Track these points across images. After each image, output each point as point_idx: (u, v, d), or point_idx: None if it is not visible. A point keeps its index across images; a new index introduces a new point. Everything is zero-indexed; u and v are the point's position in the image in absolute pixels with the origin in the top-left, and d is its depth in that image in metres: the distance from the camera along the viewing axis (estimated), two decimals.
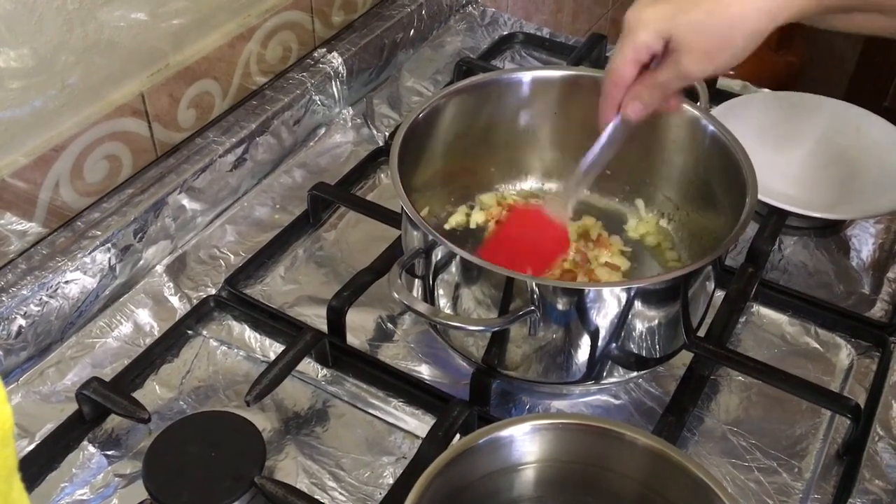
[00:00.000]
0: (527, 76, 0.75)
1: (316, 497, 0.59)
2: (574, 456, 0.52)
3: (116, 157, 0.76)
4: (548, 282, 0.60)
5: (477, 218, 0.76)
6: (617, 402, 0.68)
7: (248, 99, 0.87)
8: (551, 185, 0.79)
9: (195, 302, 0.73)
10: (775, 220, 0.78)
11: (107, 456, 0.63)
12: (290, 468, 0.63)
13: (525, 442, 0.52)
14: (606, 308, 0.59)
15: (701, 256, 0.61)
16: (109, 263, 0.72)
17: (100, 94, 0.73)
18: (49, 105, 0.69)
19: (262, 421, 0.65)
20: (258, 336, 0.72)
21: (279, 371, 0.65)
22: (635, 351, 0.63)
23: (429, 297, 0.65)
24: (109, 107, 0.73)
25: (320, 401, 0.68)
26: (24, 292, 0.67)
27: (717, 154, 0.68)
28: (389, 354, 0.71)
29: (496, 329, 0.61)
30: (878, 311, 0.76)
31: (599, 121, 0.64)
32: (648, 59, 0.60)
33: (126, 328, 0.72)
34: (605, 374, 0.64)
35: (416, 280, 0.65)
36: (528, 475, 0.54)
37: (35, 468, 0.61)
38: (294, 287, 0.77)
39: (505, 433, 0.52)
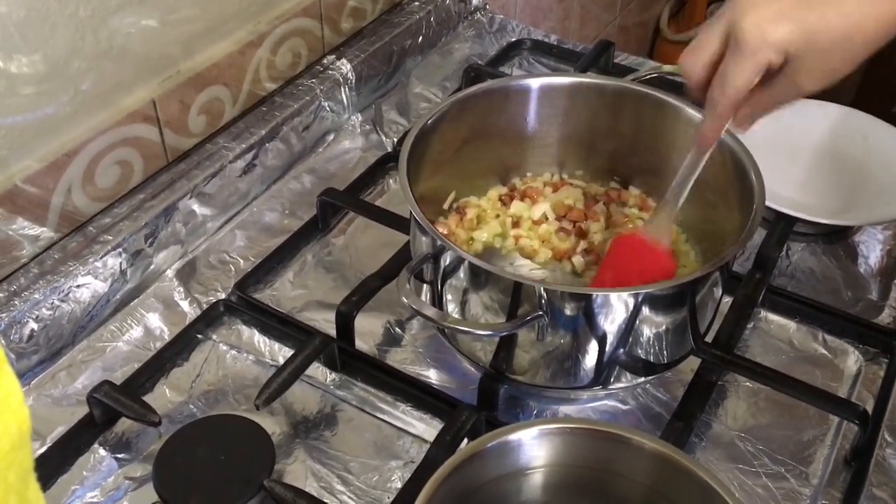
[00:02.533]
0: (535, 83, 0.75)
1: (325, 501, 0.59)
2: (582, 460, 0.53)
3: (128, 162, 0.76)
4: (555, 287, 0.61)
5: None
6: (624, 407, 0.69)
7: (258, 105, 0.88)
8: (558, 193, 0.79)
9: (205, 306, 0.74)
10: (783, 227, 0.79)
11: (117, 459, 0.64)
12: (298, 472, 0.63)
13: (533, 446, 0.52)
14: (614, 313, 0.59)
15: (708, 262, 0.61)
16: (120, 268, 0.73)
17: (112, 100, 0.74)
18: (61, 111, 0.70)
19: (272, 425, 0.66)
20: (267, 340, 0.72)
21: (288, 375, 0.65)
22: (643, 356, 0.63)
23: (437, 301, 0.65)
24: (121, 113, 0.74)
25: (329, 405, 0.68)
26: (37, 296, 0.67)
27: (724, 160, 0.68)
28: (398, 359, 0.72)
29: (504, 334, 0.61)
30: (886, 317, 0.76)
31: (703, 138, 0.61)
32: None
33: (137, 332, 0.72)
34: (612, 379, 0.64)
35: (425, 285, 0.66)
36: (536, 480, 0.54)
37: (46, 471, 0.62)
38: (303, 292, 0.77)
39: (513, 437, 0.52)
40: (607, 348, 0.61)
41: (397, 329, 0.74)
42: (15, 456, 0.26)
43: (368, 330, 0.73)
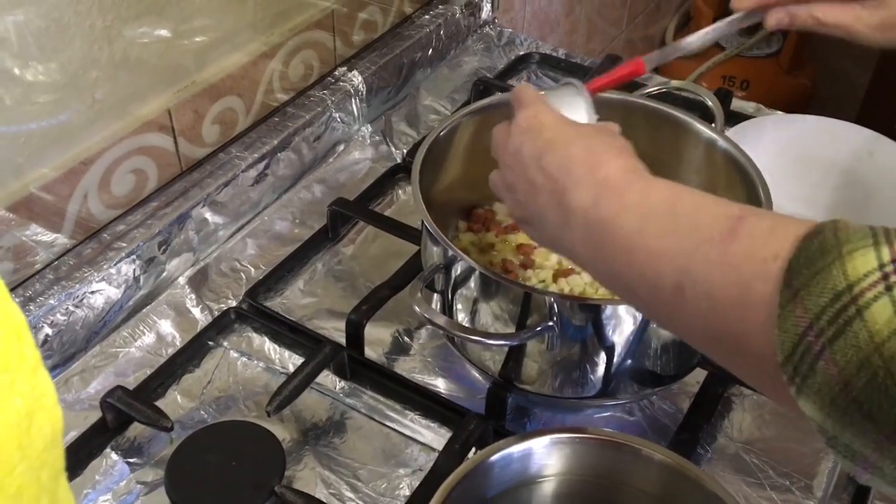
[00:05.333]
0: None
1: None
2: (591, 470, 0.53)
3: (143, 171, 0.77)
4: (566, 297, 0.61)
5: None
6: (631, 418, 0.69)
7: (270, 116, 0.89)
8: None
9: (216, 314, 0.75)
10: None
11: (129, 463, 0.64)
12: (308, 478, 0.64)
13: (542, 456, 0.53)
14: (623, 325, 0.60)
15: None
16: (134, 275, 0.74)
17: (127, 109, 0.75)
18: (78, 119, 0.71)
19: (282, 431, 0.66)
20: (277, 348, 0.73)
21: (299, 383, 0.66)
22: (650, 368, 0.64)
23: (447, 311, 0.66)
24: (137, 122, 0.75)
25: (338, 412, 0.69)
26: (52, 302, 0.68)
27: (732, 175, 0.69)
28: (406, 368, 0.73)
29: (515, 343, 0.62)
30: None
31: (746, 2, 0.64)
32: None
33: (149, 338, 0.73)
34: (619, 390, 0.65)
35: (436, 294, 0.66)
36: (546, 489, 0.54)
37: None
38: (313, 300, 0.78)
39: (523, 447, 0.53)
40: (615, 359, 0.62)
41: (406, 338, 0.75)
42: (48, 456, 0.27)
43: (377, 339, 0.74)
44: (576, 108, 0.57)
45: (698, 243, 0.41)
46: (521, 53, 1.09)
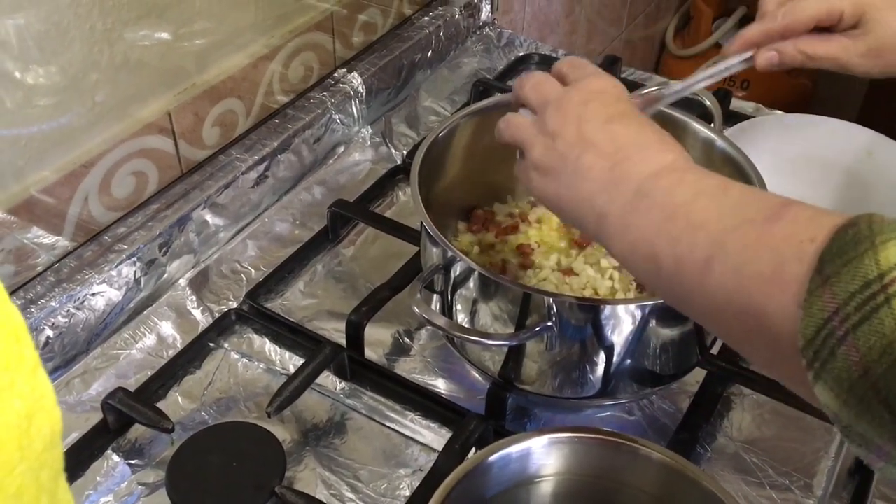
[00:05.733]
0: None
1: None
2: (590, 469, 0.53)
3: (143, 173, 0.78)
4: (565, 297, 0.61)
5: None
6: (630, 417, 0.69)
7: (271, 118, 0.89)
8: None
9: (217, 315, 0.75)
10: None
11: (130, 465, 0.65)
12: (309, 479, 0.64)
13: (541, 455, 0.53)
14: (622, 325, 0.60)
15: None
16: (135, 277, 0.74)
17: (128, 112, 0.75)
18: (78, 122, 0.71)
19: (282, 432, 0.66)
20: (278, 349, 0.73)
21: (299, 384, 0.66)
22: (649, 367, 0.64)
23: (447, 311, 0.66)
24: (137, 124, 0.75)
25: (339, 413, 0.69)
26: (53, 304, 0.68)
27: (730, 175, 0.69)
28: (406, 368, 0.73)
29: (514, 344, 0.62)
30: None
31: (743, 41, 0.64)
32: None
33: (150, 340, 0.73)
34: (619, 389, 0.65)
35: (435, 295, 0.67)
36: (545, 489, 0.55)
37: None
38: (313, 301, 0.78)
39: (521, 446, 0.53)
40: (615, 359, 0.62)
41: (406, 339, 0.75)
42: (47, 456, 0.27)
43: (378, 339, 0.74)
44: None
45: (741, 221, 0.42)
46: (521, 54, 1.09)
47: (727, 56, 0.65)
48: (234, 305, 0.76)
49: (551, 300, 0.59)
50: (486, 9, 1.12)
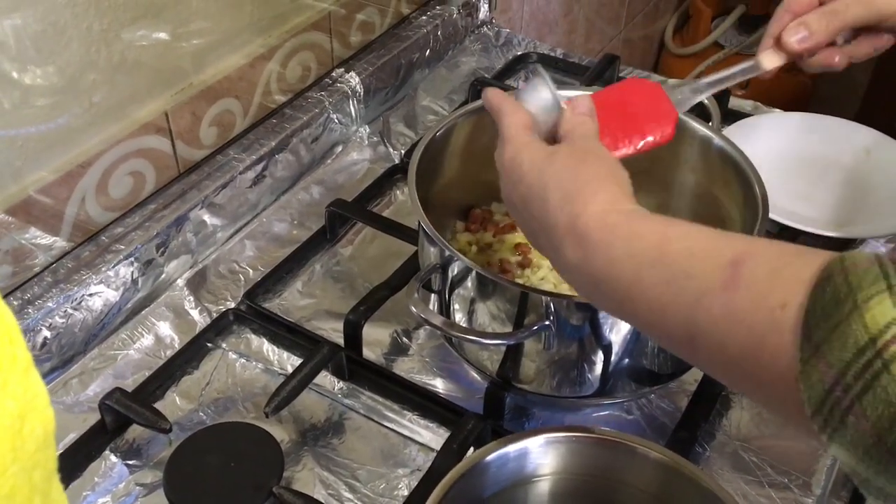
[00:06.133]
0: None
1: None
2: (587, 469, 0.53)
3: (140, 173, 0.78)
4: (563, 296, 0.61)
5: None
6: (629, 417, 0.69)
7: (268, 117, 0.89)
8: None
9: (215, 315, 0.75)
10: (786, 239, 0.79)
11: (128, 465, 0.64)
12: (307, 479, 0.64)
13: (539, 455, 0.53)
14: (619, 323, 0.60)
15: None
16: (132, 277, 0.74)
17: (125, 112, 0.75)
18: (75, 122, 0.71)
19: (280, 432, 0.66)
20: (276, 349, 0.73)
21: (297, 384, 0.66)
22: (647, 366, 0.64)
23: (445, 311, 0.66)
24: (134, 125, 0.75)
25: (337, 413, 0.69)
26: (50, 304, 0.68)
27: (728, 173, 0.69)
28: (404, 368, 0.73)
29: (511, 343, 0.62)
30: None
31: (785, 44, 0.59)
32: None
33: (147, 340, 0.73)
34: (617, 388, 0.65)
35: (433, 294, 0.67)
36: (543, 488, 0.55)
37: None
38: (311, 301, 0.78)
39: (519, 446, 0.53)
40: (613, 358, 0.62)
41: (404, 338, 0.75)
42: (40, 457, 0.27)
43: (376, 339, 0.74)
44: (543, 100, 0.57)
45: (698, 295, 0.40)
46: (519, 53, 1.09)
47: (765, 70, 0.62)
48: (232, 305, 0.76)
49: (549, 299, 0.59)
50: (484, 8, 1.12)
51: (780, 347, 0.37)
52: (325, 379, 0.70)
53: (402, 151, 0.94)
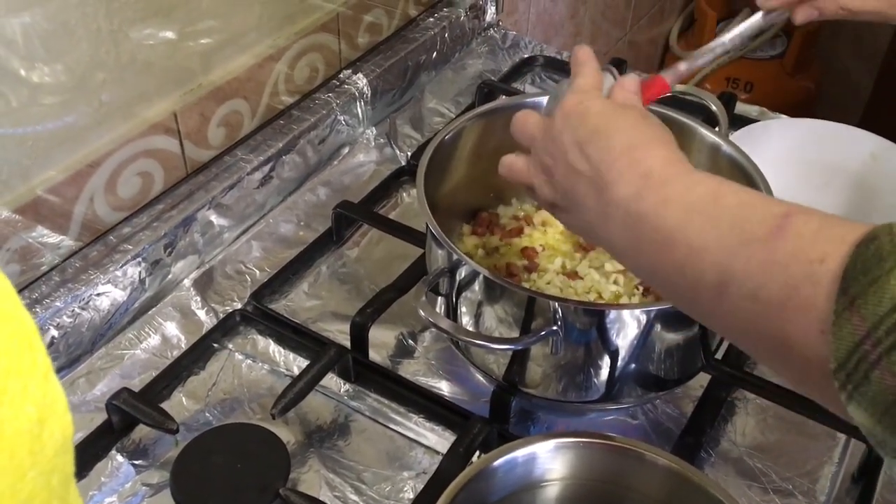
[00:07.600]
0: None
1: None
2: (595, 474, 0.53)
3: (149, 173, 0.78)
4: (570, 301, 0.62)
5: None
6: (634, 422, 0.69)
7: (276, 118, 0.89)
8: None
9: (221, 316, 0.75)
10: None
11: (135, 465, 0.65)
12: (313, 480, 0.64)
13: (547, 459, 0.53)
14: (627, 329, 0.60)
15: None
16: (139, 277, 0.74)
17: (134, 112, 0.75)
18: (84, 122, 0.71)
19: (286, 434, 0.66)
20: (282, 350, 0.73)
21: (303, 385, 0.66)
22: (654, 372, 0.64)
23: (452, 314, 0.66)
24: (143, 125, 0.75)
25: (343, 415, 0.69)
26: (58, 304, 0.68)
27: (736, 179, 0.69)
28: (410, 371, 0.73)
29: (519, 348, 0.62)
30: None
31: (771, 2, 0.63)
32: None
33: (154, 340, 0.73)
34: (623, 393, 0.65)
35: (440, 298, 0.67)
36: (550, 493, 0.55)
37: None
38: (318, 303, 0.78)
39: (527, 450, 0.53)
40: (619, 363, 0.62)
41: (410, 341, 0.75)
42: (58, 461, 0.27)
43: (382, 341, 0.74)
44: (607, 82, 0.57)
45: (743, 241, 0.41)
46: (526, 56, 1.09)
47: (766, 6, 0.64)
48: (239, 306, 0.76)
49: (556, 304, 0.59)
50: (490, 10, 1.12)
51: (810, 300, 0.37)
52: (331, 381, 0.71)
53: (409, 153, 0.94)
